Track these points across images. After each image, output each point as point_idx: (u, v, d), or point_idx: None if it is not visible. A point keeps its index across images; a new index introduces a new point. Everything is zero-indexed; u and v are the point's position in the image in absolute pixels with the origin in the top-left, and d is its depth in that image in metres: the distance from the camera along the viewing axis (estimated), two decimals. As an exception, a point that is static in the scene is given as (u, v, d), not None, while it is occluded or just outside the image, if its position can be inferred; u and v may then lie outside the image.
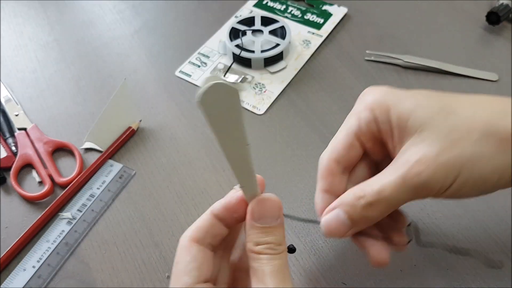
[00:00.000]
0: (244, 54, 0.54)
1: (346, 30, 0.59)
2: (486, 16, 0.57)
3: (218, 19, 0.61)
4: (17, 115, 0.52)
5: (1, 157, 0.48)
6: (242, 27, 0.57)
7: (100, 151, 0.49)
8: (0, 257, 0.41)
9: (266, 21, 0.58)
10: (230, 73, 0.55)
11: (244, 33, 0.56)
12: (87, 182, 0.46)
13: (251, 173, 0.28)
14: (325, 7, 0.62)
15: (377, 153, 0.33)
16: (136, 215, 0.44)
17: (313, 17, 0.61)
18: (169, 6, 0.64)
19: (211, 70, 0.55)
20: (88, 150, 0.49)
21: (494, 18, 0.56)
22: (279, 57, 0.55)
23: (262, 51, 0.54)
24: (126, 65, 0.57)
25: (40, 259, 0.41)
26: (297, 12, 0.62)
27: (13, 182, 0.46)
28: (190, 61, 0.57)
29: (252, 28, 0.57)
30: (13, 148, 0.49)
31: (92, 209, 0.44)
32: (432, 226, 0.41)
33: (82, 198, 0.45)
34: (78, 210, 0.44)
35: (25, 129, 0.50)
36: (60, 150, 0.49)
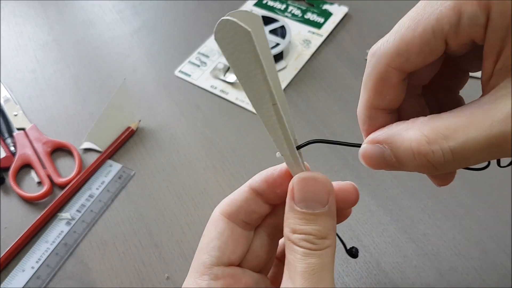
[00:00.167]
0: (244, 54, 0.54)
1: (347, 30, 0.59)
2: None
3: (218, 19, 0.61)
4: (16, 115, 0.52)
5: (0, 157, 0.48)
6: (242, 27, 0.57)
7: (99, 151, 0.48)
8: None
9: (266, 21, 0.58)
10: (230, 73, 0.54)
11: (244, 33, 0.56)
12: (86, 183, 0.46)
13: (287, 141, 0.23)
14: (326, 7, 0.62)
15: (454, 72, 0.24)
16: (136, 216, 0.44)
17: (314, 17, 0.61)
18: (169, 6, 0.64)
19: (211, 70, 0.55)
20: (87, 150, 0.49)
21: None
22: (279, 57, 0.55)
23: (262, 51, 0.54)
24: (126, 65, 0.57)
25: (39, 260, 0.41)
26: (297, 12, 0.62)
27: (12, 183, 0.46)
28: (190, 61, 0.57)
29: (252, 28, 0.57)
30: (12, 148, 0.49)
31: (91, 210, 0.44)
32: (433, 227, 0.41)
33: (81, 199, 0.45)
34: (77, 211, 0.44)
35: (24, 129, 0.50)
36: (59, 150, 0.49)
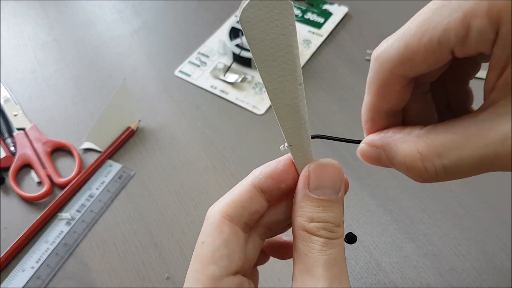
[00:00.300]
0: (244, 54, 0.54)
1: (347, 30, 0.59)
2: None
3: (218, 19, 0.61)
4: (16, 115, 0.52)
5: (0, 157, 0.48)
6: (242, 27, 0.57)
7: (99, 151, 0.48)
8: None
9: (266, 21, 0.57)
10: (230, 73, 0.54)
11: (244, 33, 0.56)
12: (86, 183, 0.46)
13: (304, 126, 0.22)
14: (326, 7, 0.62)
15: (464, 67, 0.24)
16: (136, 216, 0.44)
17: (314, 17, 0.61)
18: (169, 6, 0.64)
19: (211, 70, 0.55)
20: (87, 150, 0.49)
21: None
22: (279, 57, 0.55)
23: (262, 51, 0.54)
24: (126, 65, 0.57)
25: (39, 260, 0.41)
26: (297, 12, 0.62)
27: (12, 183, 0.46)
28: (190, 61, 0.57)
29: (252, 28, 0.57)
30: (12, 148, 0.49)
31: (91, 210, 0.44)
32: (433, 227, 0.41)
33: (81, 199, 0.45)
34: (77, 211, 0.44)
35: (24, 129, 0.50)
36: (59, 150, 0.49)
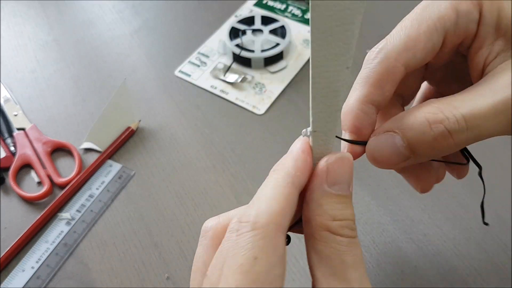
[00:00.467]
0: (244, 54, 0.54)
1: (347, 30, 0.59)
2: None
3: (218, 19, 0.61)
4: (16, 115, 0.52)
5: (0, 157, 0.48)
6: (242, 27, 0.57)
7: (99, 151, 0.48)
8: None
9: (266, 21, 0.58)
10: (230, 73, 0.54)
11: (244, 33, 0.56)
12: (86, 183, 0.46)
13: (336, 114, 0.21)
14: (325, 7, 0.62)
15: (443, 59, 0.26)
16: (136, 216, 0.44)
17: None
18: (169, 6, 0.64)
19: (211, 70, 0.55)
20: (87, 150, 0.49)
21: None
22: (279, 57, 0.55)
23: (262, 51, 0.54)
24: (126, 65, 0.57)
25: (39, 260, 0.41)
26: (298, 12, 0.62)
27: (12, 183, 0.46)
28: (190, 61, 0.57)
29: (252, 28, 0.57)
30: (12, 148, 0.49)
31: (91, 210, 0.44)
32: (433, 227, 0.41)
33: (81, 199, 0.45)
34: (77, 211, 0.44)
35: (24, 129, 0.50)
36: (59, 150, 0.49)
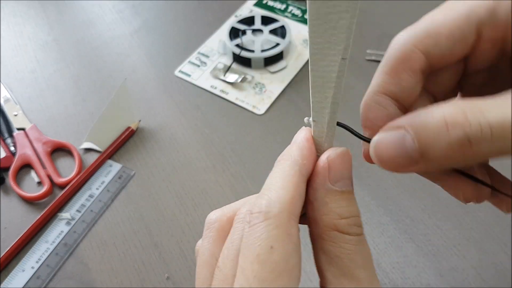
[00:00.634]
0: (244, 54, 0.54)
1: (347, 30, 0.59)
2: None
3: (218, 19, 0.61)
4: (16, 115, 0.52)
5: (0, 157, 0.48)
6: (242, 27, 0.57)
7: (99, 151, 0.48)
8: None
9: (266, 21, 0.58)
10: (230, 73, 0.54)
11: (244, 33, 0.56)
12: (86, 183, 0.46)
13: (333, 105, 0.20)
14: (325, 7, 0.62)
15: (484, 57, 0.22)
16: (136, 216, 0.44)
17: None
18: (169, 6, 0.64)
19: (211, 70, 0.55)
20: (87, 150, 0.49)
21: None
22: (279, 57, 0.55)
23: (262, 51, 0.54)
24: (126, 65, 0.57)
25: (39, 260, 0.41)
26: (298, 12, 0.62)
27: (12, 183, 0.46)
28: (190, 61, 0.57)
29: (252, 28, 0.57)
30: (12, 148, 0.49)
31: (91, 210, 0.44)
32: (433, 227, 0.41)
33: (81, 199, 0.45)
34: (77, 211, 0.44)
35: (24, 129, 0.50)
36: (59, 150, 0.49)
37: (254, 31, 0.57)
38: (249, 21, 0.58)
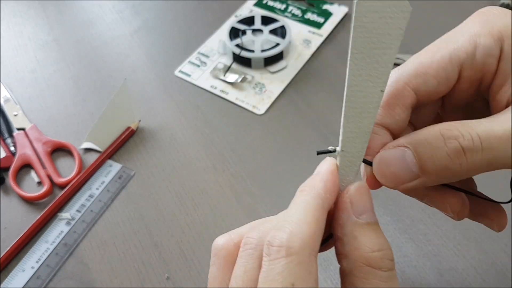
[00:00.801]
0: (244, 54, 0.54)
1: (347, 30, 0.59)
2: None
3: (218, 19, 0.61)
4: (16, 115, 0.52)
5: (0, 157, 0.48)
6: (242, 27, 0.57)
7: (99, 151, 0.48)
8: None
9: (266, 21, 0.58)
10: (230, 73, 0.54)
11: (244, 33, 0.56)
12: (86, 183, 0.46)
13: (366, 136, 0.21)
14: (326, 7, 0.62)
15: (462, 95, 0.25)
16: (136, 216, 0.44)
17: (314, 17, 0.61)
18: (169, 6, 0.64)
19: (211, 70, 0.55)
20: (87, 150, 0.49)
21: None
22: (279, 57, 0.55)
23: (262, 51, 0.54)
24: (126, 65, 0.57)
25: (39, 260, 0.41)
26: (298, 12, 0.62)
27: (12, 183, 0.46)
28: (190, 61, 0.57)
29: (252, 28, 0.57)
30: (12, 148, 0.49)
31: (91, 210, 0.44)
32: (433, 227, 0.41)
33: (81, 199, 0.45)
34: (77, 211, 0.44)
35: (24, 129, 0.50)
36: (59, 150, 0.49)
37: (254, 31, 0.57)
38: (249, 21, 0.58)
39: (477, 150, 0.20)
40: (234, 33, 0.57)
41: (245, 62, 0.55)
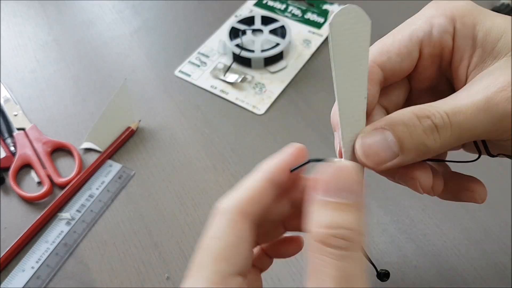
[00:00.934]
0: (244, 54, 0.54)
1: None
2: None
3: (218, 19, 0.61)
4: (16, 115, 0.52)
5: (0, 157, 0.48)
6: (242, 27, 0.57)
7: (99, 151, 0.48)
8: None
9: (266, 21, 0.58)
10: (230, 73, 0.54)
11: (244, 33, 0.56)
12: (86, 183, 0.46)
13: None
14: (326, 7, 0.62)
15: (426, 75, 0.28)
16: (136, 216, 0.44)
17: (314, 17, 0.61)
18: (169, 6, 0.64)
19: (211, 70, 0.55)
20: (87, 150, 0.49)
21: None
22: (279, 57, 0.55)
23: (262, 51, 0.54)
24: (126, 65, 0.57)
25: (39, 260, 0.41)
26: (298, 12, 0.62)
27: (12, 183, 0.46)
28: (190, 61, 0.57)
29: (252, 28, 0.57)
30: (12, 148, 0.49)
31: (91, 210, 0.44)
32: (433, 227, 0.41)
33: (81, 199, 0.45)
34: (77, 211, 0.44)
35: (24, 129, 0.50)
36: (59, 150, 0.49)
37: (254, 31, 0.57)
38: (249, 21, 0.58)
39: (447, 127, 0.22)
40: (234, 33, 0.57)
41: (245, 62, 0.55)
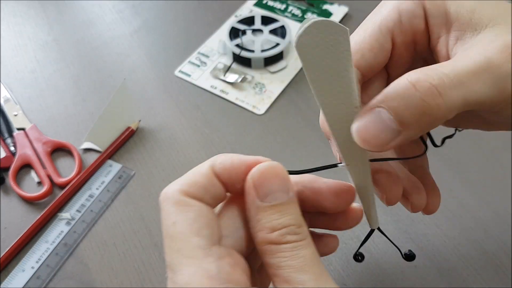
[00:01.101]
0: (244, 54, 0.54)
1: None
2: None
3: (218, 19, 0.61)
4: (16, 115, 0.52)
5: (0, 157, 0.48)
6: (242, 27, 0.57)
7: (99, 151, 0.48)
8: (-1, 258, 0.41)
9: (266, 21, 0.58)
10: (230, 73, 0.54)
11: (244, 33, 0.56)
12: (86, 183, 0.46)
13: (362, 149, 0.22)
14: (326, 7, 0.62)
15: (402, 61, 0.27)
16: (136, 216, 0.44)
17: (314, 17, 0.61)
18: (169, 6, 0.64)
19: (211, 70, 0.55)
20: (87, 150, 0.49)
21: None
22: (279, 57, 0.55)
23: (262, 51, 0.54)
24: (126, 65, 0.57)
25: (39, 260, 0.41)
26: (298, 12, 0.62)
27: (12, 183, 0.46)
28: (190, 61, 0.57)
29: (252, 28, 0.57)
30: (12, 148, 0.49)
31: (91, 210, 0.44)
32: (433, 227, 0.41)
33: (81, 199, 0.45)
34: (77, 211, 0.44)
35: (24, 129, 0.50)
36: (59, 150, 0.49)
37: (254, 31, 0.57)
38: (249, 21, 0.58)
39: (451, 87, 0.20)
40: (234, 33, 0.57)
41: (245, 62, 0.55)
